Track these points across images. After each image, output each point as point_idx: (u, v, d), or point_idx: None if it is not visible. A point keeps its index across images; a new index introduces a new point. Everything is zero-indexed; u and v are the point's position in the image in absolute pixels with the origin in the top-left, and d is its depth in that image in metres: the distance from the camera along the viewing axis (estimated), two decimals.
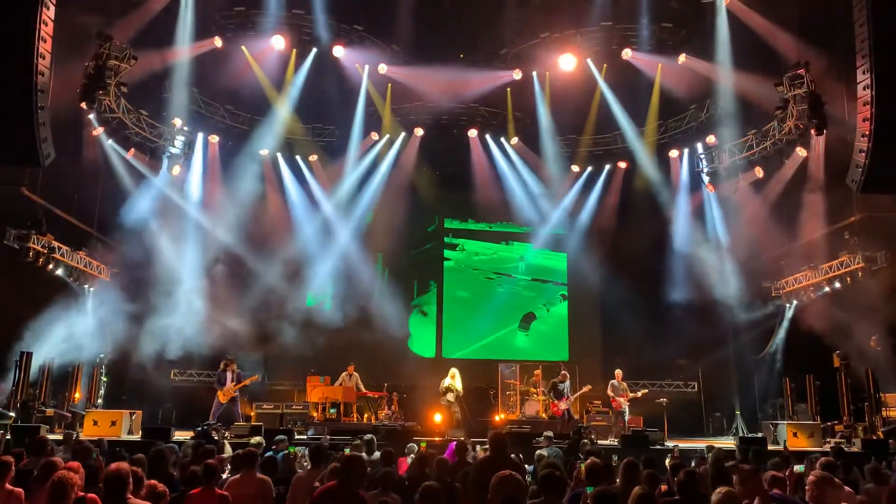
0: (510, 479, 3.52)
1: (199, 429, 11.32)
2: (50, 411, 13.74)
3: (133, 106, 16.05)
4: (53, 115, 11.74)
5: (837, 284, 15.57)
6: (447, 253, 21.38)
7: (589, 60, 18.01)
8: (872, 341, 14.48)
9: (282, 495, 6.45)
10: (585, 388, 16.01)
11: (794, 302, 17.34)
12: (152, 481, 5.14)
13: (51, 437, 10.34)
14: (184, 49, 16.22)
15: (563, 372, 15.82)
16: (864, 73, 11.53)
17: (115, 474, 4.56)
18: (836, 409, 15.32)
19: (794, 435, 13.62)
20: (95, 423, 13.22)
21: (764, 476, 5.77)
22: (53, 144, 11.73)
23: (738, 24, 15.77)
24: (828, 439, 14.29)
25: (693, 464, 7.75)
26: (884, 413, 14.32)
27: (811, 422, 14.88)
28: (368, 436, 9.52)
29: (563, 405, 15.16)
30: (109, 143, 15.90)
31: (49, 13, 11.22)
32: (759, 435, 14.67)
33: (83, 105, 14.31)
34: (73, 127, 14.68)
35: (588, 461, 5.93)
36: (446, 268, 21.29)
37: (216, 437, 10.44)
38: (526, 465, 7.75)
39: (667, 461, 8.40)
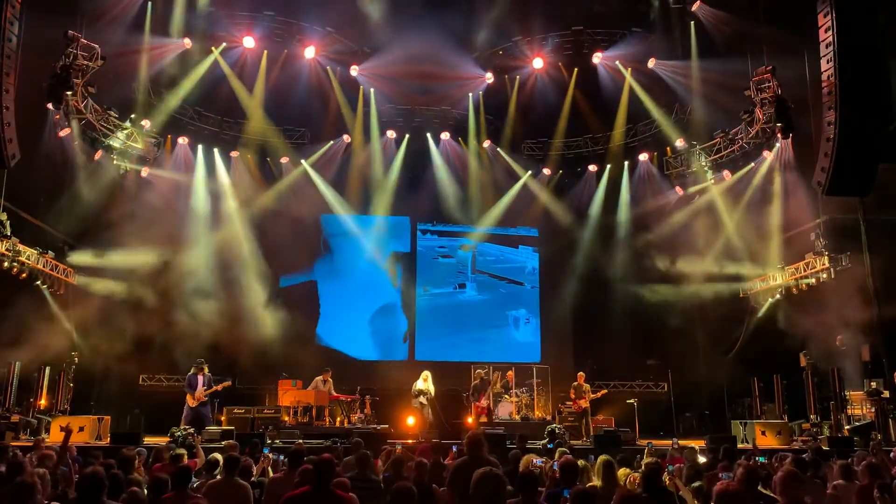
0: (491, 474, 3.51)
1: (178, 435, 11.17)
2: (15, 417, 13.47)
3: (101, 107, 15.82)
4: (19, 116, 11.52)
5: (803, 285, 15.86)
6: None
7: (560, 64, 18.18)
8: (838, 341, 14.75)
9: (258, 499, 6.41)
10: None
11: (762, 302, 17.59)
12: (133, 488, 5.08)
13: (15, 443, 10.20)
14: (153, 50, 16.04)
15: (477, 371, 15.99)
16: (828, 76, 11.75)
17: (92, 477, 4.48)
18: (803, 408, 15.59)
19: (763, 433, 13.84)
20: (62, 428, 12.97)
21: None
22: (19, 145, 11.51)
23: (707, 28, 16.02)
24: (795, 437, 14.54)
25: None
26: (849, 411, 14.61)
27: (779, 420, 15.13)
28: (356, 440, 9.43)
29: (483, 402, 15.32)
30: (77, 145, 15.62)
31: (14, 12, 11.02)
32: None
33: (49, 105, 14.07)
34: (40, 128, 14.42)
35: (562, 460, 5.96)
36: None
37: (192, 443, 10.30)
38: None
39: (643, 460, 8.48)
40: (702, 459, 8.56)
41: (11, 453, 7.56)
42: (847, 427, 14.09)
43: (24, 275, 14.62)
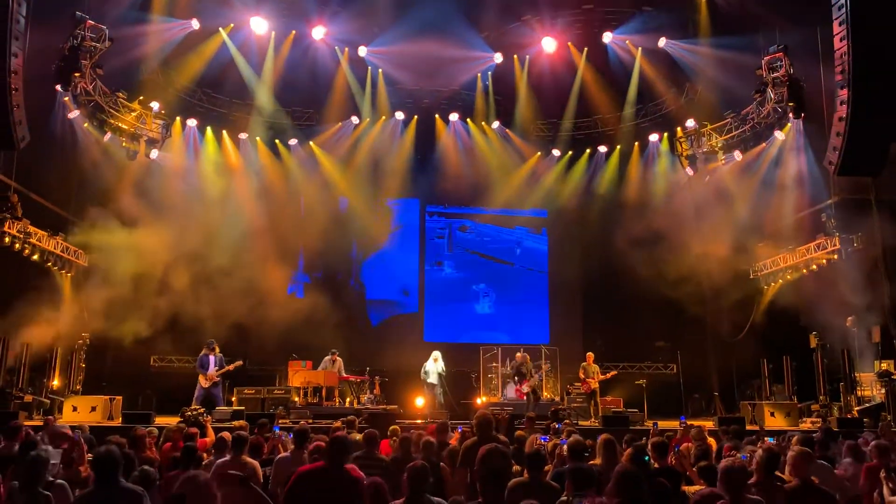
0: (496, 451, 3.53)
1: (188, 415, 11.29)
2: (28, 397, 13.62)
3: (109, 88, 15.82)
4: (28, 98, 11.55)
5: (814, 266, 15.78)
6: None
7: (570, 44, 18.02)
8: (848, 322, 14.69)
9: (268, 477, 6.47)
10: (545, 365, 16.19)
11: (772, 283, 17.53)
12: (144, 467, 5.12)
13: (28, 423, 10.31)
14: (161, 30, 16.01)
15: (518, 353, 15.95)
16: (841, 56, 11.63)
17: (107, 456, 4.51)
18: (813, 389, 15.55)
19: (772, 415, 13.83)
20: (75, 408, 13.15)
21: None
22: (28, 127, 11.55)
23: (718, 6, 15.85)
24: (804, 419, 14.53)
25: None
26: (858, 392, 14.57)
27: (788, 402, 15.11)
28: (350, 417, 9.50)
29: (524, 388, 15.25)
30: (86, 126, 15.65)
31: None
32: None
33: (58, 87, 14.08)
34: (49, 110, 14.45)
35: (571, 439, 5.98)
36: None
37: (203, 422, 10.40)
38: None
39: (648, 440, 8.50)
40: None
41: (24, 432, 7.65)
42: (857, 408, 14.06)
43: (34, 256, 14.71)
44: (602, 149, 20.27)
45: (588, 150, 20.47)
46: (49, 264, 15.40)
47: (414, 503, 4.38)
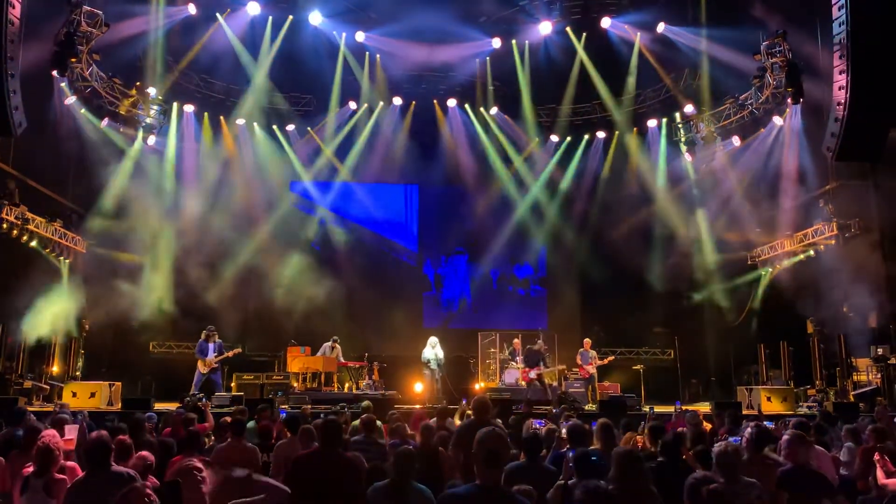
0: (493, 433, 3.55)
1: (186, 400, 11.33)
2: (28, 383, 13.65)
3: (106, 74, 15.76)
4: (24, 84, 11.51)
5: (812, 252, 15.81)
6: None
7: (568, 29, 17.95)
8: (845, 307, 14.73)
9: (269, 463, 6.51)
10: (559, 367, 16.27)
11: (770, 269, 17.56)
12: (143, 452, 5.15)
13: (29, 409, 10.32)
14: (157, 16, 15.93)
15: (539, 341, 15.95)
16: (840, 40, 11.61)
17: (98, 442, 4.55)
18: (809, 374, 15.62)
19: (769, 399, 13.89)
20: (74, 394, 13.17)
21: None
22: (25, 113, 11.53)
23: None
24: (801, 403, 14.61)
25: None
26: (855, 377, 14.63)
27: (785, 386, 15.18)
28: (366, 403, 9.41)
29: (532, 373, 15.23)
30: (83, 112, 15.60)
31: None
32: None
33: (55, 73, 14.02)
34: (46, 96, 14.40)
35: (570, 424, 6.01)
36: None
37: (201, 408, 10.43)
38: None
39: (645, 424, 8.54)
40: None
41: (29, 417, 7.67)
42: (853, 393, 14.13)
43: (32, 243, 14.70)
44: (601, 134, 20.21)
45: (587, 136, 20.40)
46: (47, 250, 15.40)
47: (398, 486, 4.42)
